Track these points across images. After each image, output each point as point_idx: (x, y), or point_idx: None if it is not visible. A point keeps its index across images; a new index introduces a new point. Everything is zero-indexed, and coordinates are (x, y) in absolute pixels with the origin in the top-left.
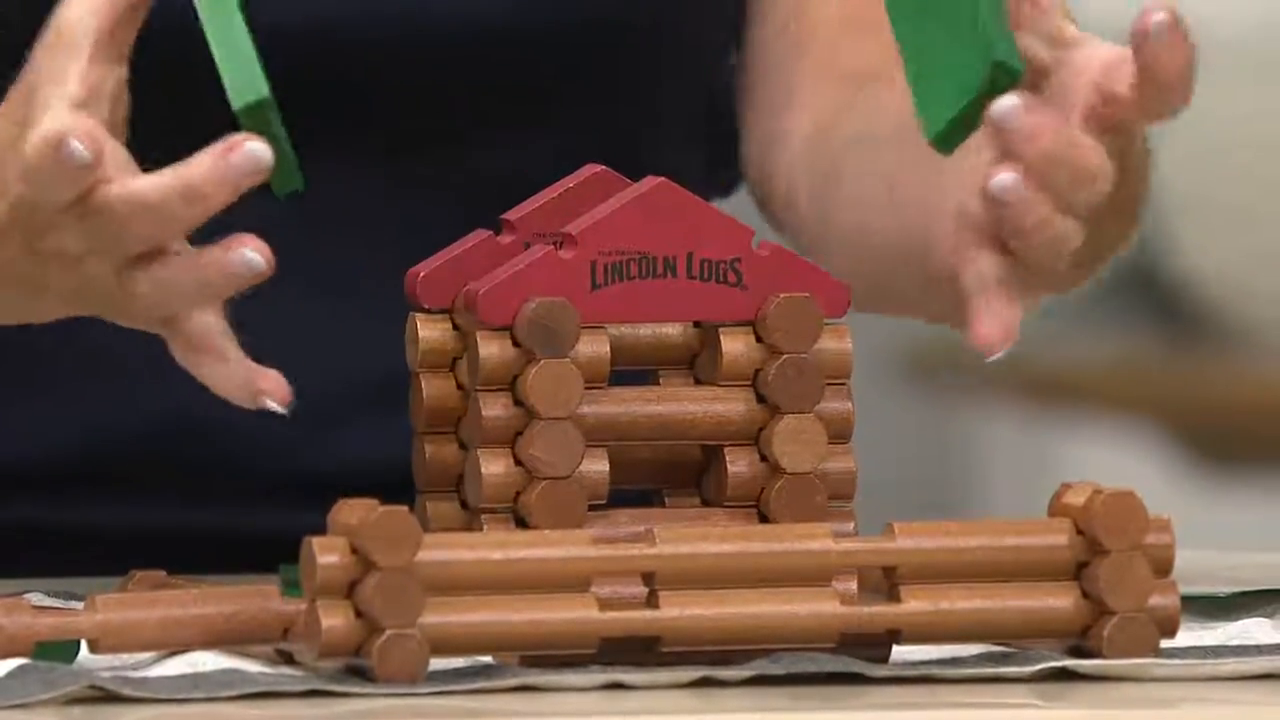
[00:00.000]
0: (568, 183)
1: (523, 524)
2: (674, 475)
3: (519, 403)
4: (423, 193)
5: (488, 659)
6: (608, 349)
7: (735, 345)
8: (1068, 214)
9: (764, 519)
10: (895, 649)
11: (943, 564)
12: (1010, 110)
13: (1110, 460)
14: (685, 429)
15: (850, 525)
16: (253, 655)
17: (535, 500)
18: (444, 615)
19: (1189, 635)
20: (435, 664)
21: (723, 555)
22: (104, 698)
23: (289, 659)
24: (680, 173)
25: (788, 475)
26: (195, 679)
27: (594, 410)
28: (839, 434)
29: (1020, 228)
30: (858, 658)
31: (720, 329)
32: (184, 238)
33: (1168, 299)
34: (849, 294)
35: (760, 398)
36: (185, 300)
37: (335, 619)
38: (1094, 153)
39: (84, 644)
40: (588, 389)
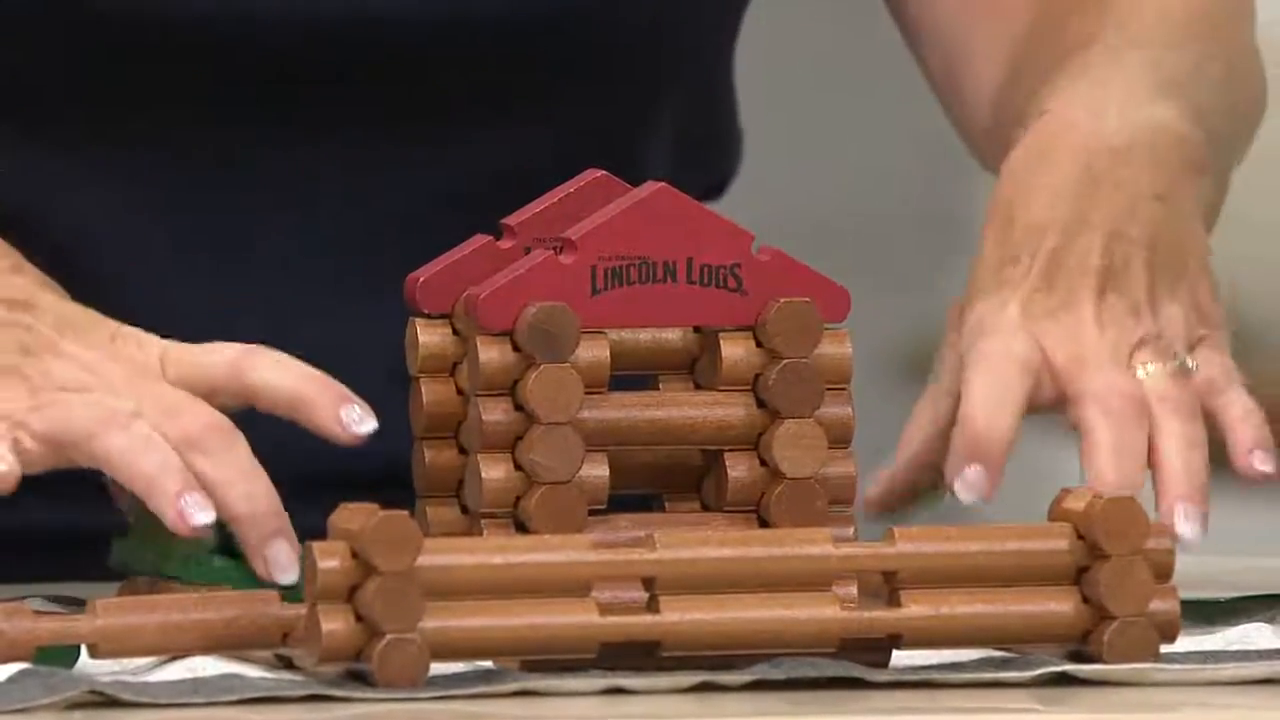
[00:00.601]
0: (568, 187)
1: (523, 529)
2: (674, 480)
3: (519, 408)
4: (422, 192)
5: (488, 664)
6: (608, 354)
7: (735, 350)
8: None
9: (764, 524)
10: (895, 654)
11: (943, 569)
12: None
13: None
14: (685, 434)
15: (850, 530)
16: (252, 660)
17: (535, 505)
18: (444, 620)
19: (1189, 640)
20: (435, 669)
21: (723, 560)
22: (104, 703)
23: (288, 664)
24: (675, 172)
25: (788, 480)
26: (195, 684)
27: (594, 415)
28: (839, 439)
29: None
30: (858, 662)
31: (720, 334)
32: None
33: None
34: (849, 298)
35: (760, 402)
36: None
37: (336, 623)
38: None
39: (84, 649)
40: (588, 394)
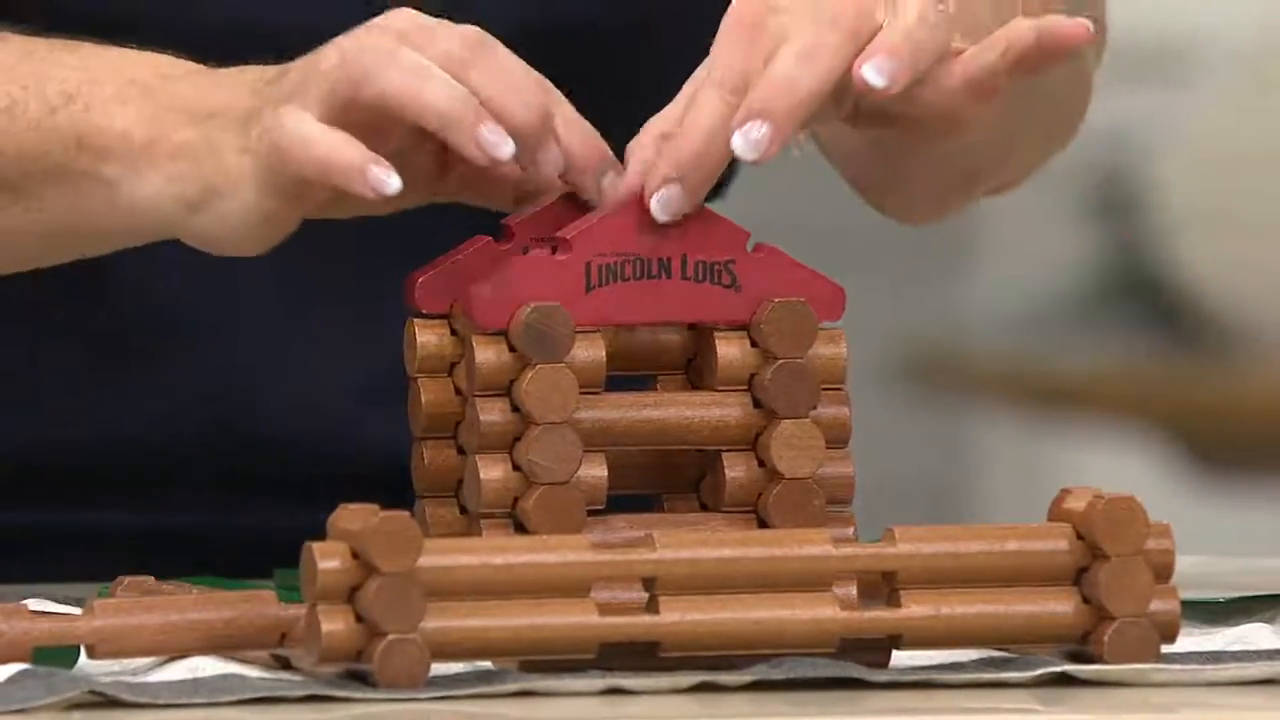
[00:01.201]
0: (569, 187)
1: (521, 529)
2: (672, 480)
3: (516, 408)
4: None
5: (488, 664)
6: (603, 354)
7: (731, 350)
8: None
9: (762, 524)
10: (895, 654)
11: (943, 569)
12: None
13: (1111, 466)
14: (683, 434)
15: (849, 530)
16: (250, 660)
17: (534, 505)
18: (444, 620)
19: (1189, 640)
20: (436, 669)
21: (722, 560)
22: (104, 703)
23: (286, 664)
24: None
25: (785, 480)
26: (195, 684)
27: (592, 415)
28: (836, 439)
29: None
30: (858, 663)
31: (716, 333)
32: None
33: (1169, 307)
34: (844, 296)
35: (757, 403)
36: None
37: (336, 624)
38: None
39: (83, 649)
40: (585, 394)
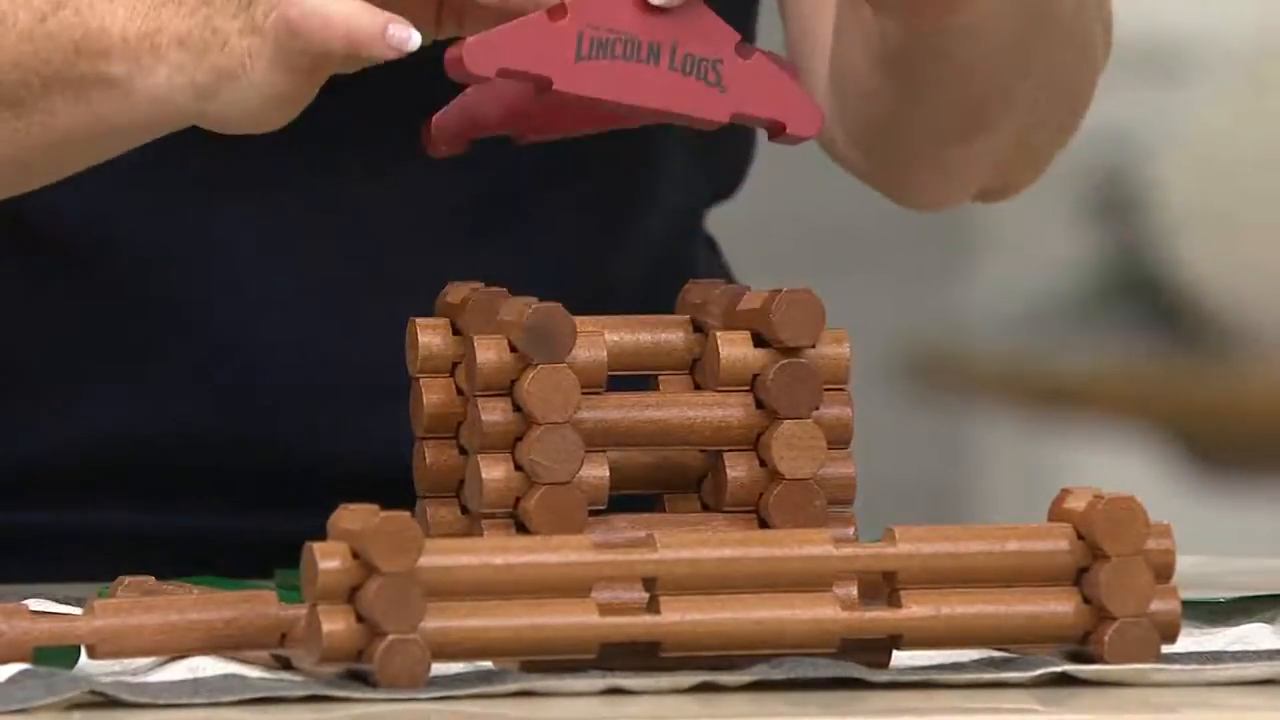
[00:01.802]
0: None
1: (523, 529)
2: (673, 480)
3: (518, 408)
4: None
5: (488, 664)
6: (605, 354)
7: (734, 350)
8: None
9: (763, 524)
10: (895, 654)
11: (943, 569)
12: None
13: (1111, 466)
14: (684, 434)
15: (850, 530)
16: (251, 660)
17: (535, 505)
18: (445, 620)
19: (1189, 640)
20: (436, 669)
21: (723, 560)
22: (104, 703)
23: (286, 664)
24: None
25: (787, 481)
26: (195, 684)
27: (593, 415)
28: (838, 439)
29: None
30: (858, 663)
31: (719, 333)
32: None
33: (1169, 307)
34: (821, 116)
35: (759, 403)
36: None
37: (336, 624)
38: None
39: (83, 649)
40: (587, 394)
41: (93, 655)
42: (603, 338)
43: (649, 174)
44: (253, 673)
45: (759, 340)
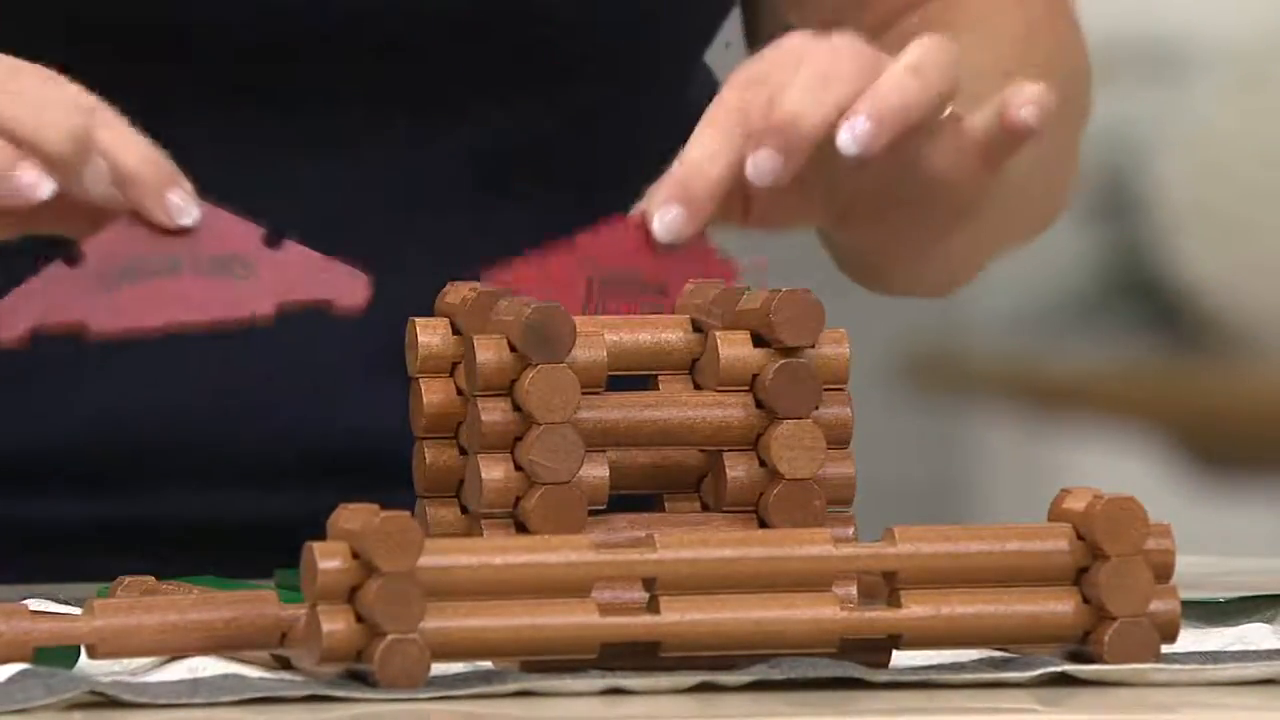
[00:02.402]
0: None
1: (523, 529)
2: (673, 480)
3: (518, 408)
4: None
5: (488, 664)
6: (605, 354)
7: (733, 350)
8: None
9: (763, 524)
10: (895, 654)
11: (943, 569)
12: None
13: (1111, 466)
14: (684, 434)
15: (850, 530)
16: (250, 660)
17: (535, 505)
18: (445, 620)
19: (1189, 640)
20: (436, 669)
21: (723, 560)
22: (104, 703)
23: (286, 664)
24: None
25: (786, 481)
26: (195, 684)
27: (593, 415)
28: (838, 439)
29: None
30: (858, 663)
31: (718, 333)
32: None
33: (1169, 307)
34: (365, 280)
35: (759, 403)
36: None
37: (336, 624)
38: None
39: (83, 649)
40: (586, 394)
41: (93, 655)
42: (603, 338)
43: (639, 161)
44: (252, 673)
45: (759, 340)
